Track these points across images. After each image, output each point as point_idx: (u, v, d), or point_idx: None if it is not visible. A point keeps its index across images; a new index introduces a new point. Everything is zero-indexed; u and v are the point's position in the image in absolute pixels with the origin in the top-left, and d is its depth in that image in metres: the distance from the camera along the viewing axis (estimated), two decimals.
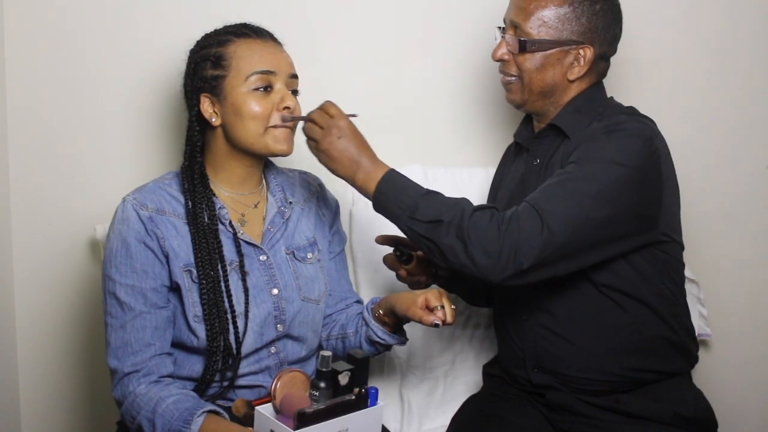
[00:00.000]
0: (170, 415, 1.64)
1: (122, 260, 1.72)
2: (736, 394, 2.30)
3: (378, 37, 2.25)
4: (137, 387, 1.68)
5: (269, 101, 1.75)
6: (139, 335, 1.70)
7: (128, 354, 1.70)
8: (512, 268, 1.64)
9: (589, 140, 1.78)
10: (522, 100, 1.89)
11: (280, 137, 1.76)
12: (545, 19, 1.83)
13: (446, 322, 1.73)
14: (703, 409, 1.87)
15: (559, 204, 1.67)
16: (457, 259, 1.66)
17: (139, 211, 1.72)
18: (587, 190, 1.69)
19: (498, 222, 1.65)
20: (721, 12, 2.35)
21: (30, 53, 2.06)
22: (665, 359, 1.85)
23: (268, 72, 1.75)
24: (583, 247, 1.71)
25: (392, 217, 1.73)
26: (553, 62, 1.84)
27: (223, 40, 1.76)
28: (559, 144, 1.87)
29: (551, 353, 1.86)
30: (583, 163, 1.73)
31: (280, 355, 1.81)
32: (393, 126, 2.27)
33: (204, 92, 1.76)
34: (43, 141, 2.11)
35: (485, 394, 2.02)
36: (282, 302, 1.79)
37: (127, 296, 1.71)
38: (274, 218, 1.84)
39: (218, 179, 1.81)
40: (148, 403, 1.66)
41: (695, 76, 2.36)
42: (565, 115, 1.87)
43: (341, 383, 1.65)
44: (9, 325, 2.16)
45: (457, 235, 1.65)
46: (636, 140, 1.76)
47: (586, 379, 1.84)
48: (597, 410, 1.84)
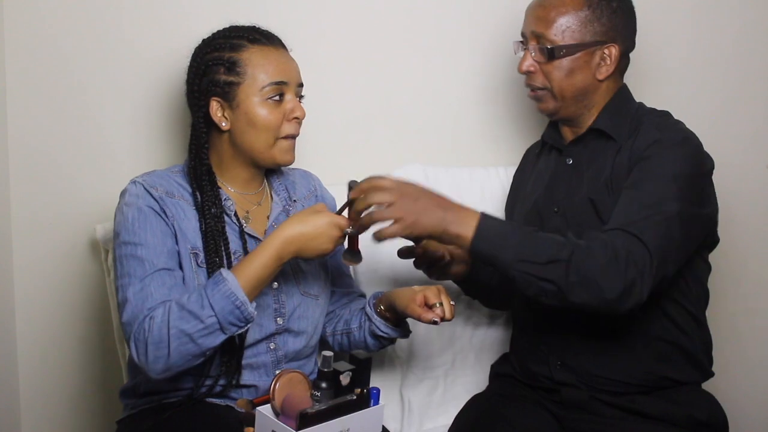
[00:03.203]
0: (196, 296, 1.61)
1: (141, 225, 1.70)
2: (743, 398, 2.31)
3: (378, 37, 2.25)
4: (151, 313, 1.62)
5: (280, 111, 1.76)
6: (159, 288, 1.66)
7: (148, 302, 1.64)
8: (634, 301, 1.66)
9: (654, 151, 1.78)
10: (555, 108, 1.90)
11: (287, 147, 1.78)
12: (567, 24, 1.85)
13: (445, 319, 1.73)
14: (716, 413, 1.89)
15: (656, 231, 1.69)
16: (579, 297, 1.66)
17: (151, 191, 1.74)
18: (673, 210, 1.72)
19: (613, 257, 1.65)
20: (721, 13, 2.35)
21: (30, 53, 2.06)
22: (681, 370, 1.87)
23: (281, 83, 1.75)
24: (678, 264, 1.77)
25: (498, 263, 1.68)
26: (581, 65, 1.86)
27: (236, 45, 1.76)
28: (602, 146, 1.89)
29: (578, 351, 1.87)
30: (659, 181, 1.75)
31: (278, 352, 1.81)
32: (393, 126, 2.28)
33: (215, 96, 1.75)
34: (43, 141, 2.11)
35: (491, 393, 2.03)
36: (282, 296, 1.80)
37: (147, 254, 1.68)
38: (278, 216, 1.85)
39: (224, 178, 1.82)
40: (171, 310, 1.60)
41: (695, 76, 2.37)
42: (605, 118, 1.89)
43: (342, 383, 1.65)
44: (9, 325, 2.15)
45: (579, 273, 1.65)
46: (697, 147, 1.82)
47: (608, 380, 1.85)
48: (612, 410, 1.86)
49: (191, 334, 1.60)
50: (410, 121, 2.29)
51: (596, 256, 1.65)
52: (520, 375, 2.00)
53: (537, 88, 1.90)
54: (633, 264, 1.65)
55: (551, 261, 1.65)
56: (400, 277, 2.10)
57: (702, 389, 1.92)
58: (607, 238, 1.68)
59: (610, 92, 1.91)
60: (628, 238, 1.68)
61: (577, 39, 1.85)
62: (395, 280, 2.12)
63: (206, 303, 1.60)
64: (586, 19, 1.85)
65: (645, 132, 1.84)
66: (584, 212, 1.87)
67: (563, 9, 1.85)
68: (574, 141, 1.94)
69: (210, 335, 1.61)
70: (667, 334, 1.86)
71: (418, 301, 1.75)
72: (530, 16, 1.90)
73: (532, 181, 2.04)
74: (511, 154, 2.31)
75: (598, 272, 1.64)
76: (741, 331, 2.38)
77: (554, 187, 1.95)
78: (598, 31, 1.85)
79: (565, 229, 1.86)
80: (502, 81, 2.29)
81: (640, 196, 1.74)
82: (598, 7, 1.85)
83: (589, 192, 1.87)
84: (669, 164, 1.77)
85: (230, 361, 1.74)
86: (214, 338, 1.62)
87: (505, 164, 2.28)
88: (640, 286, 1.66)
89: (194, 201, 1.77)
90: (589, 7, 1.85)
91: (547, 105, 1.91)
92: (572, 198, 1.90)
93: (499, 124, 2.34)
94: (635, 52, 1.95)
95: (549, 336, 1.91)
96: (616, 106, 1.91)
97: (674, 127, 1.86)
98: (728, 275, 2.20)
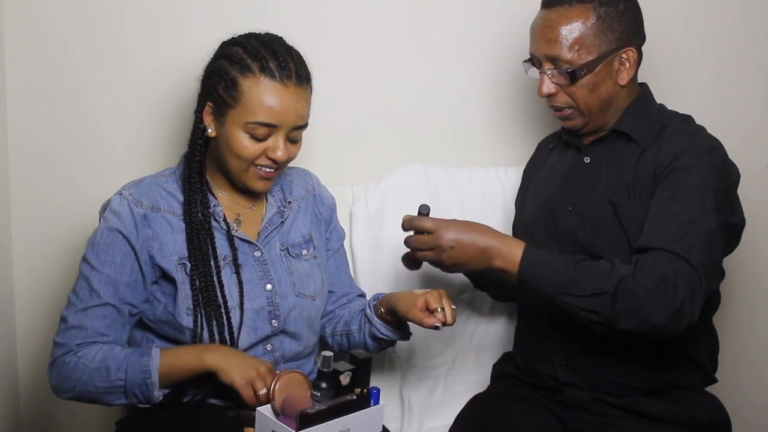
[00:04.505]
0: (122, 355, 1.67)
1: (104, 248, 1.72)
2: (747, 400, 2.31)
3: (378, 37, 2.25)
4: (79, 350, 1.69)
5: (261, 146, 1.72)
6: (97, 323, 1.71)
7: (80, 336, 1.70)
8: (686, 323, 1.66)
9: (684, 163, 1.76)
10: (584, 123, 1.87)
11: (259, 176, 1.75)
12: (580, 41, 1.79)
13: (446, 324, 1.73)
14: (720, 415, 1.89)
15: (701, 249, 1.68)
16: (630, 325, 1.66)
17: (133, 208, 1.73)
18: (713, 225, 1.71)
19: (661, 283, 1.64)
20: (723, 13, 2.35)
21: (30, 54, 2.06)
22: (685, 375, 1.87)
23: (269, 125, 1.71)
24: (718, 277, 1.81)
25: (543, 294, 1.70)
26: (602, 78, 1.82)
27: (245, 67, 1.70)
28: (622, 147, 1.86)
29: (583, 352, 1.87)
30: (694, 193, 1.73)
31: (275, 354, 1.81)
32: (393, 126, 2.28)
33: (210, 101, 1.74)
34: (43, 140, 2.11)
35: (491, 393, 2.03)
36: (276, 297, 1.80)
37: (99, 284, 1.71)
38: (272, 218, 1.84)
39: (215, 181, 1.81)
40: (95, 357, 1.68)
41: (695, 76, 2.37)
42: (627, 120, 1.86)
43: (342, 383, 1.65)
44: (9, 325, 2.16)
45: (628, 303, 1.64)
46: (723, 155, 1.81)
47: (613, 382, 1.85)
48: (614, 410, 1.85)
49: (98, 386, 1.69)
50: (410, 121, 2.29)
51: (643, 284, 1.64)
52: (522, 374, 1.99)
53: (563, 108, 1.86)
54: (682, 287, 1.64)
55: (596, 293, 1.65)
56: (401, 277, 2.10)
57: (705, 391, 1.92)
58: (654, 263, 1.66)
59: (633, 93, 1.88)
60: (674, 260, 1.66)
61: (594, 53, 1.79)
62: (396, 280, 2.12)
63: (123, 366, 1.67)
64: (598, 31, 1.79)
65: (670, 139, 1.81)
66: (602, 213, 1.84)
67: (571, 26, 1.79)
68: (597, 141, 1.91)
69: (112, 394, 1.70)
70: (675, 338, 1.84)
71: (419, 306, 1.74)
72: (539, 38, 1.83)
73: (544, 177, 2.01)
74: (511, 154, 2.31)
75: (646, 300, 1.63)
76: (745, 334, 2.38)
77: (569, 185, 1.92)
78: (612, 39, 1.80)
79: (579, 229, 1.86)
80: (502, 81, 2.29)
81: (677, 210, 1.71)
82: (606, 14, 1.79)
83: (608, 193, 1.84)
84: (701, 176, 1.74)
85: None
86: (115, 398, 1.70)
87: (505, 164, 2.29)
88: (690, 307, 1.65)
89: (182, 210, 1.76)
90: (598, 17, 1.79)
91: (575, 122, 1.87)
92: (589, 198, 1.87)
93: (499, 125, 2.34)
94: None
95: (554, 336, 1.90)
96: (639, 107, 1.87)
97: (699, 134, 1.83)
98: (729, 275, 2.20)
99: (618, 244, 1.81)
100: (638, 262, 1.68)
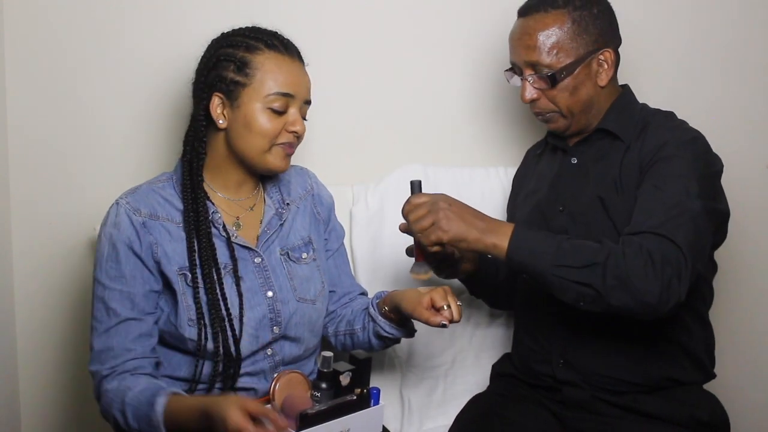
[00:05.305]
0: (137, 401, 1.64)
1: (112, 265, 1.71)
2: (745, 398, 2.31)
3: (378, 37, 2.25)
4: (110, 384, 1.68)
5: (281, 121, 1.74)
6: (121, 340, 1.70)
7: (109, 358, 1.69)
8: (674, 301, 1.67)
9: (667, 153, 1.79)
10: (566, 125, 1.91)
11: (281, 154, 1.76)
12: (557, 45, 1.84)
13: (453, 321, 1.72)
14: (718, 413, 1.89)
15: (686, 231, 1.70)
16: (618, 300, 1.66)
17: (132, 216, 1.72)
18: (697, 208, 1.73)
19: (648, 260, 1.65)
20: (721, 12, 2.35)
21: (30, 54, 2.06)
22: (683, 370, 1.87)
23: (287, 95, 1.73)
24: (704, 260, 1.81)
25: (535, 269, 1.70)
26: (582, 80, 1.86)
27: (252, 46, 1.73)
28: (608, 146, 1.89)
29: (581, 349, 1.87)
30: (678, 180, 1.75)
31: (276, 358, 1.80)
32: (393, 126, 2.28)
33: (218, 92, 1.74)
34: (43, 141, 2.11)
35: (491, 393, 2.03)
36: (277, 304, 1.79)
37: (114, 302, 1.70)
38: (271, 220, 1.83)
39: (214, 183, 1.80)
40: (119, 395, 1.66)
41: (695, 76, 2.37)
42: (611, 118, 1.90)
43: (342, 384, 1.65)
44: (9, 325, 2.15)
45: (617, 277, 1.65)
46: (706, 145, 1.83)
47: (611, 379, 1.86)
48: (614, 409, 1.86)
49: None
50: (410, 121, 2.29)
51: (632, 260, 1.65)
52: (521, 374, 2.00)
53: (547, 112, 1.90)
54: (669, 265, 1.66)
55: (588, 265, 1.66)
56: (401, 277, 2.10)
57: (704, 389, 1.92)
58: (641, 242, 1.68)
59: (613, 93, 1.92)
60: (660, 241, 1.68)
61: (572, 56, 1.84)
62: (396, 280, 2.12)
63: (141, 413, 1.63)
64: (574, 34, 1.84)
65: (653, 133, 1.84)
66: (592, 211, 1.87)
67: (548, 31, 1.84)
68: (582, 141, 1.94)
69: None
70: (671, 333, 1.86)
71: (425, 304, 1.73)
72: (517, 46, 1.89)
73: (534, 182, 2.04)
74: (511, 154, 2.31)
75: (636, 275, 1.64)
76: (742, 331, 2.38)
77: (559, 186, 1.95)
78: (588, 41, 1.85)
79: (571, 228, 1.87)
80: (502, 81, 2.28)
81: (662, 197, 1.74)
82: (581, 18, 1.85)
83: (597, 190, 1.87)
84: (684, 164, 1.77)
85: (227, 371, 1.73)
86: None
87: (505, 164, 2.29)
88: (678, 286, 1.66)
89: (182, 218, 1.75)
90: (573, 21, 1.84)
91: (558, 125, 1.91)
92: (579, 197, 1.90)
93: (499, 125, 2.34)
94: (632, 54, 1.95)
95: (552, 334, 1.91)
96: (621, 106, 1.91)
97: (681, 127, 1.87)
98: (728, 275, 2.20)
99: (609, 239, 1.82)
100: (625, 240, 1.70)
